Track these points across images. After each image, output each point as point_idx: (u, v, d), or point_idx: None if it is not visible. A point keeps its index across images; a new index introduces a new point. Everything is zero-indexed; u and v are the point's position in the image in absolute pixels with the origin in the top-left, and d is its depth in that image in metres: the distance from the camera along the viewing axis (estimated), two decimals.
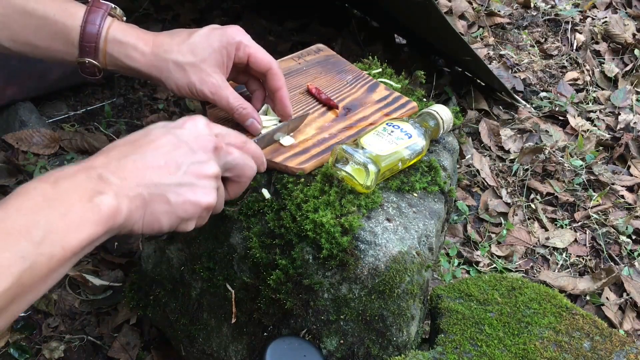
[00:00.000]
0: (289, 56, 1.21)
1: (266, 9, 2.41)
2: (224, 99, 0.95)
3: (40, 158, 1.71)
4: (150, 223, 0.72)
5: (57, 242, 0.61)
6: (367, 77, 1.18)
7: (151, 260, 1.18)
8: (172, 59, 0.93)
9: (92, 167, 0.68)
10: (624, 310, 1.59)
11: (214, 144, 0.77)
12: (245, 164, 0.82)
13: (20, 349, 1.30)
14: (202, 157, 0.75)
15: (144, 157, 0.71)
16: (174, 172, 0.73)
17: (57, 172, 0.67)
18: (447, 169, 1.08)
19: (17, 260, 0.58)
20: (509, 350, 0.92)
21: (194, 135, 0.76)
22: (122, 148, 0.72)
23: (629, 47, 2.44)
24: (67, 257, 0.62)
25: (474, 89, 2.15)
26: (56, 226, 0.62)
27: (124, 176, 0.69)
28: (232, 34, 0.95)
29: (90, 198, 0.65)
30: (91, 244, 0.65)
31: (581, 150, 1.99)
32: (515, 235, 1.75)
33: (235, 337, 1.06)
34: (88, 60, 0.92)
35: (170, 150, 0.73)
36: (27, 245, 0.59)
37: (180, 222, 0.75)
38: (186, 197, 0.73)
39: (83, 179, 0.66)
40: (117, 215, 0.67)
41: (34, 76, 1.76)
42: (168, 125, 0.77)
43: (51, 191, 0.64)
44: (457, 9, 2.53)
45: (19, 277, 0.58)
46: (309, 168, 0.97)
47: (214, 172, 0.76)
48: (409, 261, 0.91)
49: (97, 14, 0.91)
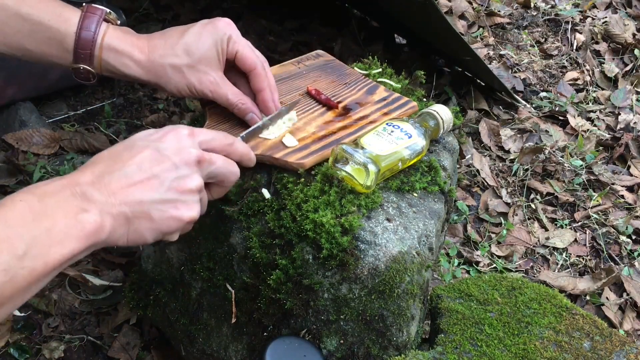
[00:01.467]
0: (289, 61, 1.22)
1: (266, 9, 2.41)
2: (223, 96, 0.95)
3: (40, 158, 1.71)
4: (135, 239, 0.73)
5: (39, 257, 0.62)
6: (367, 80, 1.18)
7: (151, 260, 1.18)
8: (168, 63, 0.93)
9: (77, 183, 0.69)
10: (624, 310, 1.59)
11: (197, 157, 0.77)
12: (228, 171, 0.83)
13: (20, 349, 1.30)
14: (184, 172, 0.76)
15: (127, 174, 0.72)
16: (157, 188, 0.73)
17: (44, 185, 0.68)
18: (447, 169, 1.08)
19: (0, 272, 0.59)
20: (509, 350, 0.92)
21: (177, 148, 0.76)
22: (106, 163, 0.73)
23: (629, 47, 2.44)
24: (47, 272, 0.63)
25: (474, 89, 2.15)
26: (40, 240, 0.63)
27: (107, 193, 0.70)
28: (223, 28, 0.95)
29: (75, 215, 0.66)
30: (73, 258, 0.66)
31: (581, 150, 1.99)
32: (515, 235, 1.75)
33: (235, 337, 1.06)
34: (82, 67, 0.92)
35: (152, 165, 0.74)
36: (10, 258, 0.60)
37: (164, 236, 0.77)
38: (169, 214, 0.74)
39: (68, 195, 0.67)
40: (100, 232, 0.68)
41: (34, 76, 1.76)
42: (150, 137, 0.77)
43: (37, 205, 0.64)
44: (457, 9, 2.54)
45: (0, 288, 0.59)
46: (309, 164, 0.97)
47: (196, 185, 0.77)
48: (409, 261, 0.91)
49: (92, 20, 0.90)
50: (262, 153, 0.96)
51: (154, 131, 0.79)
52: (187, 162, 0.76)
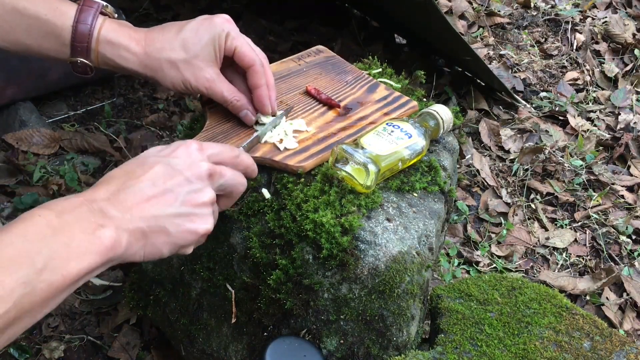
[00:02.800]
0: (289, 57, 1.21)
1: (266, 9, 2.41)
2: (219, 92, 0.96)
3: (40, 158, 1.71)
4: (151, 253, 0.74)
5: (57, 270, 0.63)
6: (368, 78, 1.18)
7: (151, 261, 1.18)
8: (164, 57, 0.93)
9: (94, 199, 0.70)
10: (624, 310, 1.59)
11: (208, 171, 0.78)
12: (238, 182, 0.84)
13: (20, 348, 1.30)
14: (197, 186, 0.77)
15: (141, 190, 0.73)
16: (172, 203, 0.74)
17: (61, 202, 0.69)
18: (447, 169, 1.08)
19: (19, 285, 0.60)
20: (509, 350, 0.92)
21: (188, 163, 0.77)
22: (120, 180, 0.74)
23: (629, 47, 2.44)
24: (66, 285, 0.64)
25: (474, 89, 2.15)
26: (58, 255, 0.64)
27: (123, 209, 0.71)
28: (221, 24, 0.95)
29: (93, 231, 0.67)
30: (90, 273, 0.67)
31: (581, 150, 1.99)
32: (515, 235, 1.75)
33: (235, 337, 1.06)
34: (80, 60, 0.92)
35: (166, 180, 0.75)
36: (29, 271, 0.61)
37: (180, 249, 0.78)
38: (185, 227, 0.75)
39: (85, 212, 0.68)
40: (117, 247, 0.69)
41: (34, 76, 1.76)
42: (161, 153, 0.78)
43: (55, 221, 0.66)
44: (457, 9, 2.54)
45: (19, 302, 0.60)
46: (309, 166, 0.97)
47: (209, 198, 0.78)
48: (409, 261, 0.91)
49: (89, 13, 0.90)
50: (262, 156, 0.96)
51: (164, 147, 0.80)
52: (199, 176, 0.77)
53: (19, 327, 0.62)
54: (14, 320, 0.60)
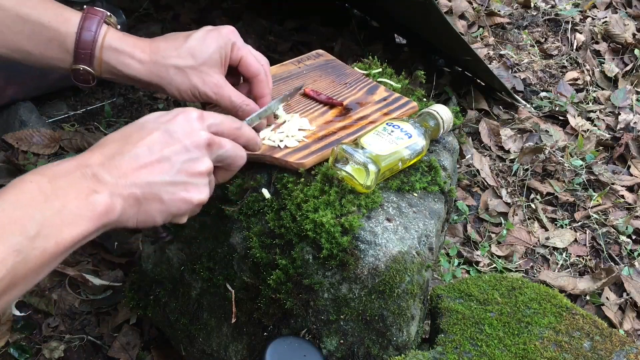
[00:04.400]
0: (289, 61, 1.22)
1: (266, 9, 2.41)
2: (227, 98, 0.96)
3: (40, 158, 1.71)
4: (144, 220, 0.74)
5: (51, 237, 0.63)
6: (367, 80, 1.18)
7: (151, 260, 1.18)
8: (172, 64, 0.93)
9: (87, 164, 0.69)
10: (624, 310, 1.59)
11: (207, 140, 0.77)
12: (237, 155, 0.83)
13: (20, 348, 1.30)
14: (194, 154, 0.76)
15: (137, 155, 0.72)
16: (167, 171, 0.74)
17: (54, 166, 0.68)
18: (447, 168, 1.08)
19: (12, 253, 0.60)
20: (509, 350, 0.92)
21: (187, 131, 0.76)
22: (116, 144, 0.73)
23: (629, 47, 2.44)
24: (59, 252, 0.64)
25: (474, 89, 2.15)
26: (51, 221, 0.63)
27: (118, 175, 0.70)
28: (228, 34, 0.96)
29: (86, 196, 0.66)
30: (84, 239, 0.67)
31: (581, 150, 1.99)
32: (515, 235, 1.75)
33: (235, 337, 1.06)
34: (83, 67, 0.91)
35: (163, 147, 0.74)
36: (22, 238, 0.61)
37: (173, 218, 0.77)
38: (179, 196, 0.75)
39: (79, 177, 0.68)
40: (111, 213, 0.69)
41: (34, 76, 1.76)
42: (160, 119, 0.77)
43: (48, 187, 0.65)
44: (457, 8, 2.53)
45: (12, 269, 0.60)
46: (309, 163, 0.97)
47: (206, 168, 0.77)
48: (409, 261, 0.91)
49: (93, 21, 0.90)
50: (262, 152, 0.96)
51: (164, 113, 0.79)
52: (197, 144, 0.76)
53: (13, 295, 0.62)
54: (7, 288, 0.60)
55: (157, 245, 1.16)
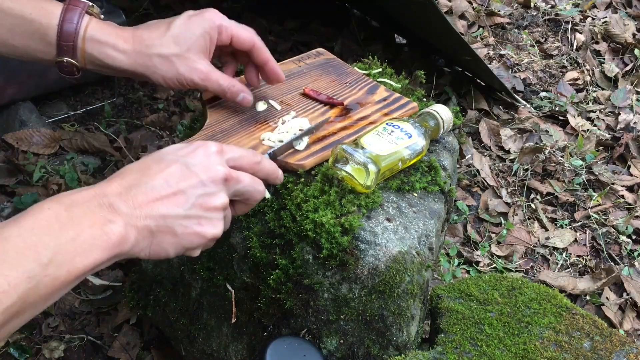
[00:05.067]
0: (289, 59, 1.21)
1: (266, 9, 2.41)
2: (214, 82, 0.95)
3: (40, 158, 1.71)
4: (157, 252, 0.74)
5: (63, 265, 0.63)
6: (368, 80, 1.18)
7: (151, 260, 1.18)
8: (156, 52, 0.92)
9: (105, 194, 0.70)
10: (624, 310, 1.59)
11: (224, 175, 0.77)
12: (255, 190, 0.82)
13: (20, 348, 1.30)
14: (211, 189, 0.75)
15: (154, 187, 0.72)
16: (182, 204, 0.73)
17: (72, 194, 0.69)
18: (447, 168, 1.08)
19: (25, 279, 0.60)
20: (509, 350, 0.92)
21: (205, 165, 0.76)
22: (135, 175, 0.73)
23: (629, 47, 2.44)
24: (70, 280, 0.64)
25: (474, 89, 2.15)
26: (65, 249, 0.63)
27: (134, 206, 0.70)
28: (212, 18, 0.95)
29: (101, 225, 0.67)
30: (95, 268, 0.67)
31: (581, 150, 1.99)
32: (515, 235, 1.75)
33: (235, 337, 1.06)
34: (66, 60, 0.91)
35: (180, 180, 0.74)
36: (35, 265, 0.61)
37: (186, 251, 0.77)
38: (193, 230, 0.75)
39: (95, 206, 0.68)
40: (124, 244, 0.69)
41: (34, 76, 1.76)
42: (179, 152, 0.77)
43: (64, 214, 0.65)
44: (457, 8, 2.54)
45: (24, 295, 0.60)
46: (309, 165, 0.97)
47: (222, 203, 0.77)
48: (409, 261, 0.91)
49: (75, 12, 0.89)
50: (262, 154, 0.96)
51: (184, 146, 0.79)
52: (214, 179, 0.76)
53: (21, 320, 0.62)
54: (16, 314, 0.60)
55: None
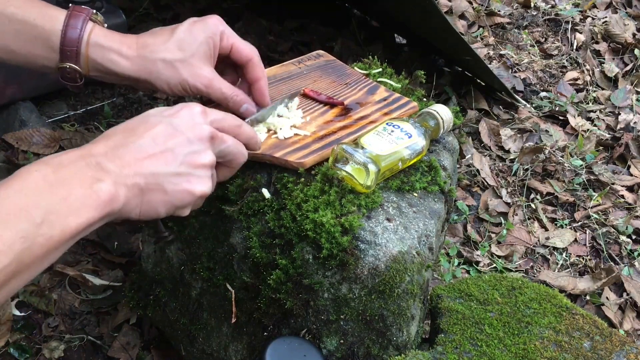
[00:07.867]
0: (289, 61, 1.22)
1: (266, 9, 2.41)
2: (218, 90, 0.95)
3: (40, 157, 1.71)
4: (147, 211, 0.74)
5: (56, 225, 0.64)
6: (368, 80, 1.18)
7: (151, 260, 1.18)
8: (160, 58, 0.92)
9: (91, 154, 0.70)
10: (624, 310, 1.59)
11: (210, 134, 0.78)
12: (238, 152, 0.84)
13: (20, 348, 1.30)
14: (198, 147, 0.77)
15: (141, 146, 0.73)
16: (171, 162, 0.75)
17: (58, 156, 0.69)
18: (447, 168, 1.08)
19: (18, 239, 0.60)
20: (509, 350, 0.92)
21: (190, 124, 0.77)
22: (120, 136, 0.74)
23: (629, 47, 2.44)
24: (64, 239, 0.65)
25: (474, 89, 2.15)
26: (56, 209, 0.64)
27: (121, 165, 0.71)
28: (215, 24, 0.95)
29: (90, 185, 0.67)
30: (88, 228, 0.67)
31: (581, 150, 1.99)
32: (515, 235, 1.75)
33: (235, 337, 1.06)
34: (69, 65, 0.91)
35: (167, 139, 0.75)
36: (28, 225, 0.61)
37: (176, 210, 0.78)
38: (182, 187, 0.76)
39: (83, 166, 0.68)
40: (115, 202, 0.69)
41: (34, 76, 1.76)
42: (164, 113, 0.78)
43: (52, 176, 0.66)
44: (457, 8, 2.54)
45: (19, 256, 0.60)
46: (309, 163, 0.97)
47: (209, 161, 0.78)
48: (409, 261, 0.91)
49: (79, 19, 0.90)
50: (262, 152, 0.96)
51: (167, 108, 0.80)
52: (200, 137, 0.77)
53: (19, 282, 0.63)
54: (13, 275, 0.61)
55: (157, 245, 1.16)
